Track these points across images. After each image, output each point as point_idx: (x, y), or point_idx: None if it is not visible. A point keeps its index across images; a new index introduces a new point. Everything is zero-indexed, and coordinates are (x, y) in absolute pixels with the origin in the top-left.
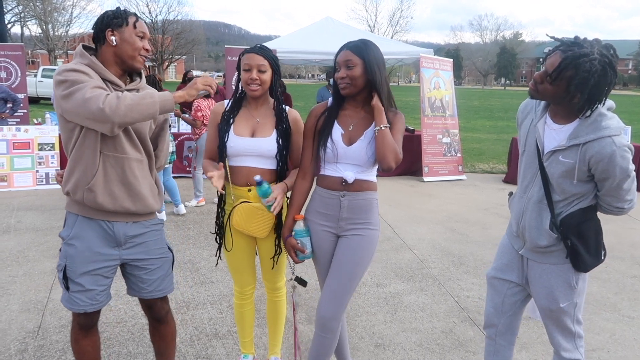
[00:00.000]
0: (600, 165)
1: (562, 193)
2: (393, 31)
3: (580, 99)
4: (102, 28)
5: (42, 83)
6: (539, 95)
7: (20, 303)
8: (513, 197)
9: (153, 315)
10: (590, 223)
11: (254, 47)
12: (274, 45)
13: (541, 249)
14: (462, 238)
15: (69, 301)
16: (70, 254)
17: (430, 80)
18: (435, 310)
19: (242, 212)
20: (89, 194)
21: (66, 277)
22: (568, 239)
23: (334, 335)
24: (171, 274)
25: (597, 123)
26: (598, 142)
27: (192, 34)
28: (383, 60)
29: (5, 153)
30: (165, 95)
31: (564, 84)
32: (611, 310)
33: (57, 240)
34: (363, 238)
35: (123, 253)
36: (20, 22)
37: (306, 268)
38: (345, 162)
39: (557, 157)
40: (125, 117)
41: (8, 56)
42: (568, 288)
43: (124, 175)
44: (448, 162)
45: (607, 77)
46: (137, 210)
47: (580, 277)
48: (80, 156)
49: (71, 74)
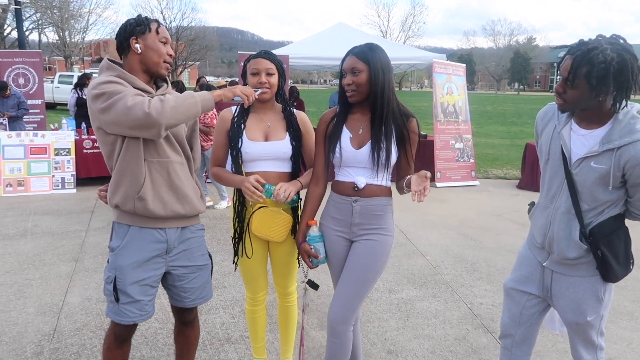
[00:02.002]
0: (636, 170)
1: (592, 202)
2: (405, 36)
3: (609, 92)
4: (125, 37)
5: (59, 89)
6: (568, 105)
7: (36, 306)
8: (536, 207)
9: (182, 319)
10: (620, 232)
11: (259, 53)
12: (286, 51)
13: (569, 261)
14: (475, 244)
15: (117, 313)
16: (120, 265)
17: (443, 86)
18: (448, 317)
19: (261, 217)
20: (139, 202)
21: (116, 289)
22: (598, 249)
23: (342, 340)
24: (210, 280)
25: (630, 126)
26: (634, 146)
27: (206, 40)
28: (389, 64)
29: (23, 158)
30: (204, 94)
31: (584, 82)
32: (628, 319)
33: (72, 244)
34: (375, 243)
35: (169, 260)
36: (38, 29)
37: (319, 273)
38: (356, 166)
39: (589, 163)
40: (171, 119)
41: (26, 63)
42: (596, 301)
43: (170, 179)
44: (461, 167)
45: (627, 62)
46: (186, 213)
47: (608, 288)
48: (126, 167)
49: (107, 85)
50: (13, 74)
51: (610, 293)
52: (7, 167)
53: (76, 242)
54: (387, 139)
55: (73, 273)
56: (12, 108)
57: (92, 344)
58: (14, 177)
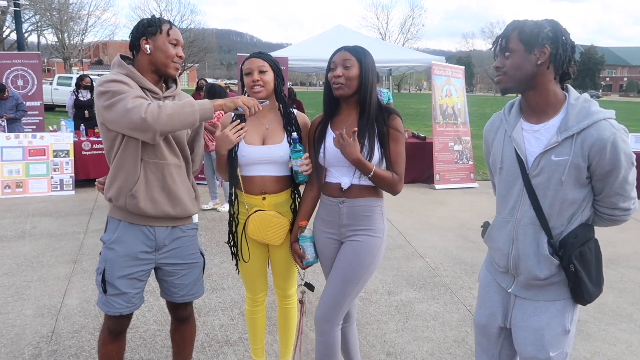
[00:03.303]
0: (603, 154)
1: (559, 205)
2: (404, 39)
3: (546, 53)
4: (137, 37)
5: (58, 91)
6: (509, 78)
7: (34, 308)
8: (492, 227)
9: (177, 316)
10: (590, 244)
11: (252, 54)
12: (285, 53)
13: (540, 282)
14: (474, 246)
15: (105, 304)
16: (109, 258)
17: (442, 88)
18: (447, 319)
19: (257, 220)
20: (131, 200)
21: (104, 280)
22: (571, 263)
23: (327, 339)
24: (202, 278)
25: (586, 109)
26: (595, 127)
27: (205, 42)
28: (375, 69)
29: (21, 159)
30: (204, 103)
31: (517, 43)
32: (627, 321)
33: (71, 246)
34: (361, 244)
35: (158, 257)
36: (37, 31)
37: (317, 275)
38: (341, 166)
39: (549, 158)
40: (166, 126)
41: (25, 64)
42: (562, 332)
43: (164, 181)
44: (460, 169)
45: (561, 32)
46: (176, 215)
47: (574, 319)
48: (123, 164)
49: (112, 84)
50: (12, 76)
51: (574, 326)
52: (5, 169)
53: (74, 243)
54: (370, 137)
55: (71, 275)
56: (11, 110)
57: (91, 345)
58: (13, 178)
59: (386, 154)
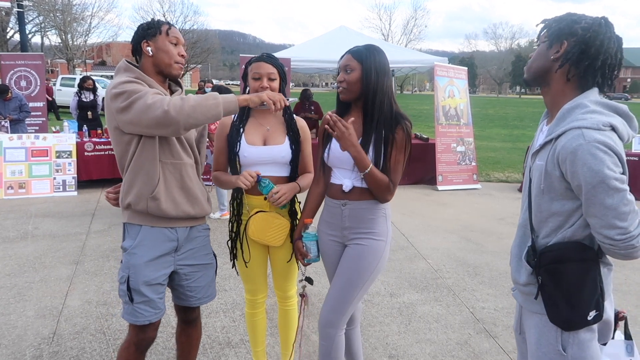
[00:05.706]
0: (565, 165)
1: (543, 214)
2: (407, 40)
3: (563, 49)
4: (138, 41)
5: (61, 92)
6: (527, 69)
7: (36, 309)
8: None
9: (184, 318)
10: (581, 265)
11: (261, 56)
12: (288, 54)
13: (522, 288)
14: (477, 248)
15: (132, 314)
16: (133, 263)
17: (445, 89)
18: (450, 321)
19: (258, 221)
20: (152, 202)
21: (129, 288)
22: (539, 274)
23: (331, 343)
24: (215, 280)
25: (572, 115)
26: (566, 135)
27: (208, 43)
28: (385, 67)
29: (24, 160)
30: (229, 97)
31: (546, 37)
32: (632, 324)
33: (73, 247)
34: (364, 248)
35: (177, 259)
36: (40, 32)
37: (320, 277)
38: (343, 168)
39: (535, 161)
40: (190, 118)
41: (28, 65)
42: (555, 354)
43: (182, 180)
44: (463, 170)
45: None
46: (195, 214)
47: (572, 339)
48: (141, 167)
49: (127, 85)
50: (15, 77)
51: (584, 349)
52: (8, 170)
53: (77, 244)
54: (376, 142)
55: (73, 276)
56: (14, 111)
57: (92, 347)
58: (15, 179)
59: (386, 159)
